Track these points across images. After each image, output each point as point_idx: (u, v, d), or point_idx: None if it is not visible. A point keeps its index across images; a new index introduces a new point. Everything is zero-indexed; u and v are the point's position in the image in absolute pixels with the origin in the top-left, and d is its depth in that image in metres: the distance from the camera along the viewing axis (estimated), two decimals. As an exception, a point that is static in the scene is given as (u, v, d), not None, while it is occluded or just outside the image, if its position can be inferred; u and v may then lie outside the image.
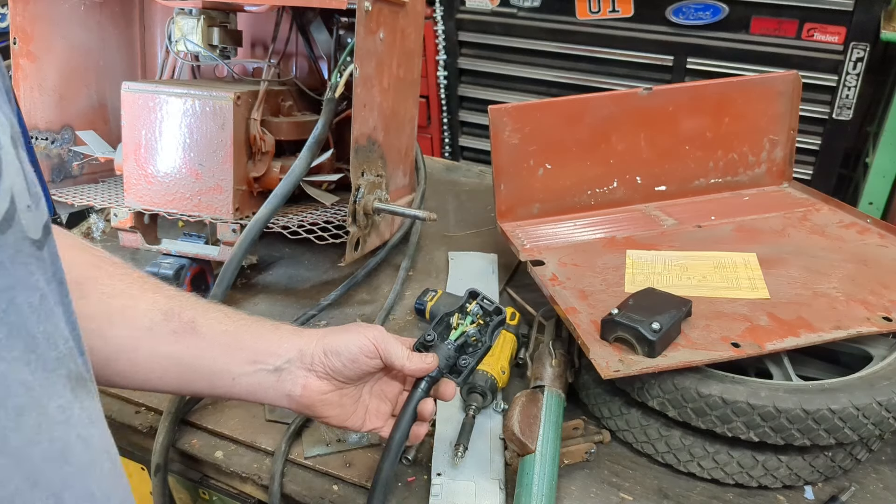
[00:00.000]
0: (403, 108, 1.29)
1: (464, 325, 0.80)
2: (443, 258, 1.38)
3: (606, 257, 1.13)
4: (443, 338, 0.80)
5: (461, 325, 0.81)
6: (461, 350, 0.79)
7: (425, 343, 0.79)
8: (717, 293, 0.98)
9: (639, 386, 0.85)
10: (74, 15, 1.31)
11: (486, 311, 0.81)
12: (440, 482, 0.85)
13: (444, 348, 0.78)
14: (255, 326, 0.74)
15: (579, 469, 0.89)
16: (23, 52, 1.22)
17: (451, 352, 0.78)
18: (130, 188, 1.19)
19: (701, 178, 1.34)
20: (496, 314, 0.81)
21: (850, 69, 2.23)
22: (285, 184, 1.08)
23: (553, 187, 1.28)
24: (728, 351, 0.83)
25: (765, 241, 1.15)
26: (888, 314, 0.89)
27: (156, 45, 1.49)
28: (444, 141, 3.10)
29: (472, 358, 0.79)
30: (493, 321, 0.81)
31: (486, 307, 0.81)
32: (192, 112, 1.13)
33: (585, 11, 2.55)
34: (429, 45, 2.80)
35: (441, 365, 0.77)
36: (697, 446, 0.84)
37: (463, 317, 0.81)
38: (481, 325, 0.81)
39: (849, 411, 0.76)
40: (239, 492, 0.96)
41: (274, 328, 0.75)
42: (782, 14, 2.28)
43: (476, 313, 0.81)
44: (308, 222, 1.18)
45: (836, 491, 0.84)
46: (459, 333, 0.80)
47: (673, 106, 1.29)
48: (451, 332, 0.80)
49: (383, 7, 1.11)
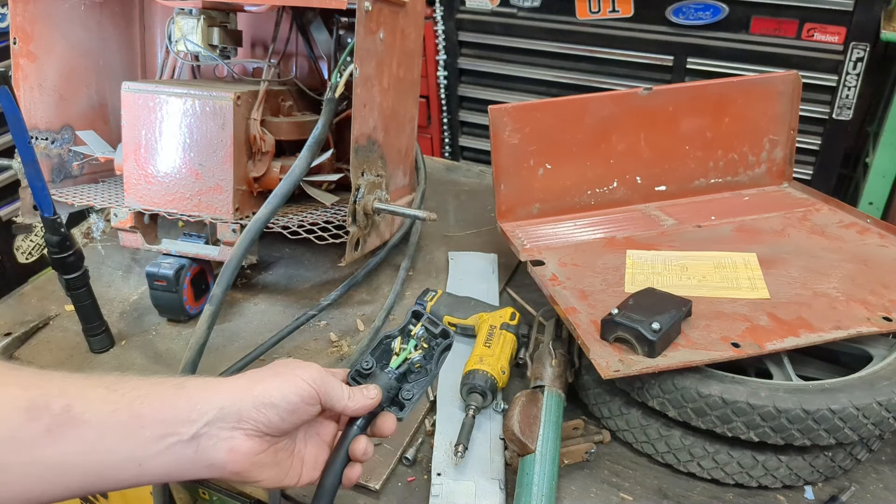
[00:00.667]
0: (403, 108, 1.29)
1: (406, 350, 0.72)
2: (443, 258, 1.38)
3: (606, 257, 1.13)
4: (382, 365, 0.71)
5: (404, 350, 0.72)
6: (403, 379, 0.71)
7: (362, 372, 0.70)
8: (717, 293, 0.98)
9: (639, 386, 0.85)
10: (74, 15, 1.31)
11: (432, 333, 0.73)
12: (440, 482, 0.85)
13: (385, 377, 0.70)
14: (154, 392, 0.59)
15: (579, 469, 0.89)
16: (23, 52, 1.22)
17: (392, 381, 0.70)
18: (130, 188, 1.19)
19: (701, 178, 1.34)
20: (443, 337, 0.73)
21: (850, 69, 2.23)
22: (285, 184, 1.08)
23: (553, 187, 1.28)
24: (728, 351, 0.83)
25: (765, 241, 1.15)
26: (888, 314, 0.89)
27: (156, 44, 1.49)
28: (444, 141, 3.10)
29: (416, 388, 0.71)
30: (439, 345, 0.73)
31: (432, 329, 0.73)
32: (192, 112, 1.13)
33: (585, 11, 2.55)
34: (429, 45, 2.80)
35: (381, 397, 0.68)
36: (697, 446, 0.84)
37: (406, 341, 0.73)
38: (426, 349, 0.73)
39: (849, 411, 0.76)
40: (239, 492, 0.95)
41: (177, 388, 0.61)
42: (782, 14, 2.28)
43: (420, 336, 0.73)
44: (308, 222, 1.18)
45: (836, 491, 0.84)
46: (402, 360, 0.71)
47: (673, 106, 1.29)
48: (393, 358, 0.72)
49: (383, 7, 1.11)
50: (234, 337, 1.16)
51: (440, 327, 0.74)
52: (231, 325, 1.20)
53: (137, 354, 1.13)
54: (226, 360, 1.08)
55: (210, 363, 1.07)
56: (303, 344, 1.15)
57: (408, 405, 0.70)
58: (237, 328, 1.19)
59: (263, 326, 1.19)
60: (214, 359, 1.09)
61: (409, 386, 0.71)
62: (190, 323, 1.20)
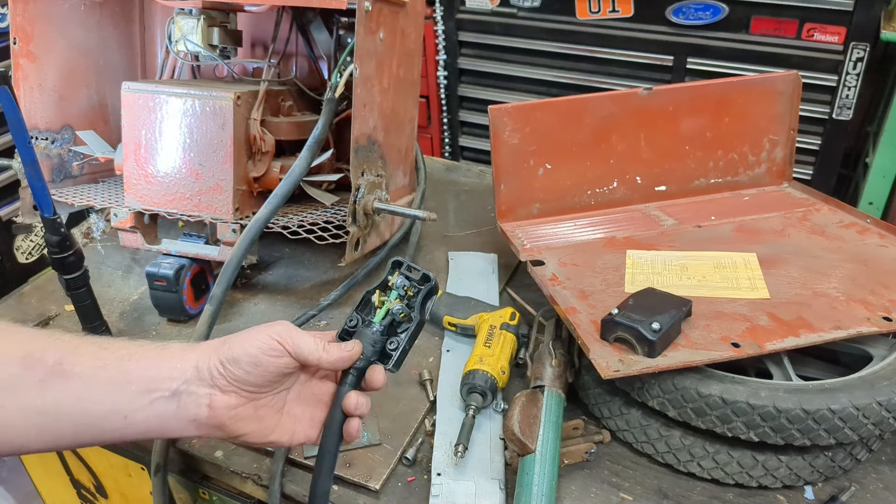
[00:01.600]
0: (403, 108, 1.29)
1: (388, 301, 0.71)
2: (443, 258, 1.38)
3: (606, 257, 1.13)
4: (367, 321, 0.71)
5: (385, 302, 0.71)
6: (390, 331, 0.71)
7: (348, 330, 0.71)
8: (717, 293, 0.98)
9: (639, 386, 0.85)
10: (74, 15, 1.31)
11: (413, 281, 0.72)
12: (440, 482, 0.85)
13: (369, 333, 0.70)
14: (140, 352, 0.65)
15: (579, 469, 0.89)
16: (23, 52, 1.22)
17: (377, 335, 0.70)
18: (130, 188, 1.19)
19: (701, 178, 1.34)
20: (424, 282, 0.72)
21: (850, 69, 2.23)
22: (285, 184, 1.08)
23: (553, 187, 1.28)
24: (728, 351, 0.83)
25: (765, 241, 1.15)
26: (888, 314, 0.89)
27: (156, 44, 1.49)
28: (444, 141, 3.10)
29: (402, 338, 0.70)
30: (421, 291, 0.72)
31: (412, 277, 0.72)
32: (192, 112, 1.13)
33: (585, 11, 2.55)
34: (429, 45, 2.80)
35: (367, 352, 0.69)
36: (697, 446, 0.84)
37: (386, 293, 0.72)
38: (411, 297, 0.72)
39: (849, 411, 0.76)
40: (239, 492, 0.96)
41: (160, 349, 0.66)
42: (782, 14, 2.28)
43: (401, 286, 0.72)
44: (308, 222, 1.18)
45: (836, 491, 0.85)
46: (384, 313, 0.71)
47: (673, 106, 1.29)
48: (376, 312, 0.72)
49: (383, 7, 1.11)
50: (234, 337, 1.16)
51: (420, 273, 0.73)
52: (231, 325, 1.20)
53: (137, 354, 1.13)
54: (226, 360, 1.08)
55: (210, 363, 1.07)
56: (303, 344, 1.14)
57: (394, 355, 0.71)
58: (237, 328, 1.19)
59: (263, 326, 1.19)
60: (214, 359, 1.09)
61: (394, 338, 0.71)
62: (190, 323, 1.20)
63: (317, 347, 0.67)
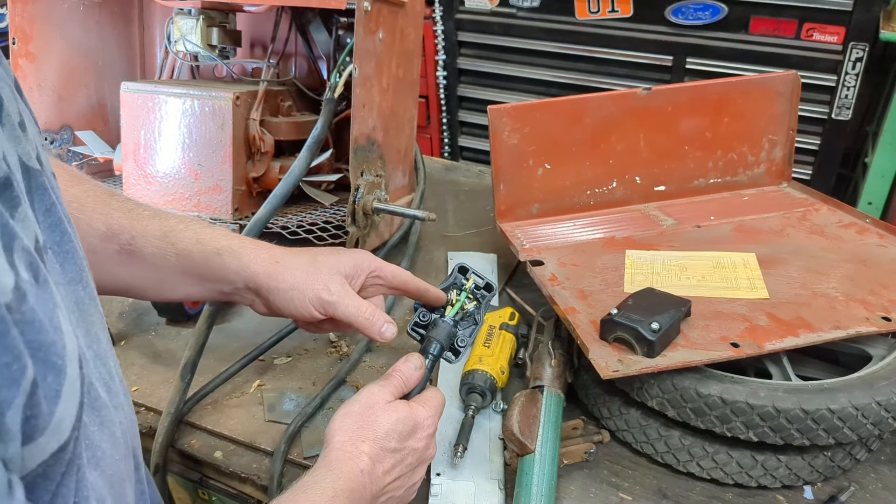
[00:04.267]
0: (403, 108, 1.29)
1: (461, 301, 0.79)
2: (442, 258, 1.38)
3: (606, 257, 1.13)
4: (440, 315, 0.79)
5: (458, 301, 0.79)
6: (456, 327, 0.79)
7: (420, 322, 0.78)
8: (716, 293, 0.98)
9: (638, 386, 0.85)
10: (73, 15, 1.31)
11: (478, 286, 0.81)
12: (439, 482, 0.85)
13: (444, 326, 0.77)
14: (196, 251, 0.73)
15: (579, 469, 0.89)
16: (22, 52, 1.22)
17: (451, 328, 0.77)
18: (130, 188, 1.19)
19: (700, 178, 1.35)
20: (487, 290, 0.81)
21: (850, 69, 2.23)
22: (285, 184, 1.08)
23: (552, 187, 1.28)
24: (727, 351, 0.83)
25: (764, 241, 1.15)
26: (887, 314, 0.89)
27: (155, 45, 1.49)
28: (443, 141, 3.10)
29: (467, 336, 0.78)
30: (484, 297, 0.80)
31: (479, 283, 0.81)
32: (192, 112, 1.13)
33: (585, 11, 2.55)
34: (428, 45, 2.80)
35: (444, 343, 0.76)
36: (697, 446, 0.84)
37: (460, 293, 0.80)
38: (479, 300, 0.80)
39: (848, 411, 0.76)
40: (238, 492, 0.96)
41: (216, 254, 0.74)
42: (781, 14, 2.28)
43: (471, 289, 0.80)
44: (307, 222, 1.18)
45: (836, 491, 0.84)
46: (457, 310, 0.78)
47: (672, 106, 1.29)
48: (448, 308, 0.79)
49: (382, 7, 1.11)
50: (234, 337, 1.16)
51: (485, 280, 0.81)
52: (230, 325, 1.20)
53: (137, 354, 1.13)
54: (225, 360, 1.08)
55: (210, 363, 1.07)
56: (302, 344, 1.14)
57: (463, 351, 0.78)
58: (236, 328, 1.19)
59: (262, 326, 1.19)
60: (214, 359, 1.09)
61: (461, 334, 0.78)
62: (189, 323, 1.20)
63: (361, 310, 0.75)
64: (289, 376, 1.07)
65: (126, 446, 0.48)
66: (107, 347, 0.49)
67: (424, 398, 0.74)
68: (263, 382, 1.06)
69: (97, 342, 0.47)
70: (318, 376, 1.07)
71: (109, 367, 0.48)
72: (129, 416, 0.51)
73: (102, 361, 0.47)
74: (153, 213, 0.74)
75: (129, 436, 0.50)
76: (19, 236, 0.35)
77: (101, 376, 0.46)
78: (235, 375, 1.06)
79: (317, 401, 0.98)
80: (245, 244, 0.76)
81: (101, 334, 0.48)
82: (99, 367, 0.46)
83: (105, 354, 0.48)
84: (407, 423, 0.69)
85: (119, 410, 0.48)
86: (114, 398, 0.47)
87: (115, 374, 0.50)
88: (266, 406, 1.00)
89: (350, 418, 0.68)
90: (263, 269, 0.75)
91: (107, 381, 0.47)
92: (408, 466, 0.70)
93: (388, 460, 0.68)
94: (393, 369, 0.74)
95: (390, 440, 0.68)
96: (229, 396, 1.03)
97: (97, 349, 0.47)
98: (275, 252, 0.77)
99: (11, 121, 0.39)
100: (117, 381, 0.50)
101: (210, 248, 0.74)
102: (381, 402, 0.70)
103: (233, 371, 1.05)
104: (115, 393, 0.48)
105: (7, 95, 0.39)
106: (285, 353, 1.12)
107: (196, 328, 0.98)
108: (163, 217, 0.75)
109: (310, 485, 0.62)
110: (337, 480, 0.62)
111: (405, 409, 0.70)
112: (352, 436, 0.67)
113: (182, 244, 0.73)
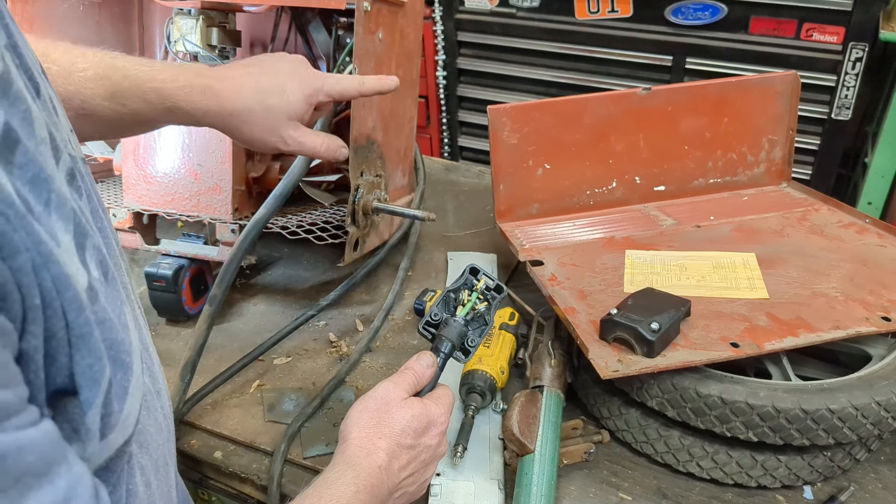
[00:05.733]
0: (402, 108, 1.29)
1: (472, 301, 0.79)
2: (442, 258, 1.38)
3: (605, 257, 1.13)
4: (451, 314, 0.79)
5: (469, 301, 0.79)
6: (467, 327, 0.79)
7: (431, 321, 0.79)
8: (716, 293, 0.98)
9: (638, 386, 0.85)
10: (73, 15, 1.31)
11: (489, 287, 0.81)
12: (439, 482, 0.85)
13: (456, 324, 0.77)
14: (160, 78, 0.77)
15: (578, 469, 0.89)
16: (21, 53, 1.22)
17: (462, 328, 0.77)
18: (129, 188, 1.19)
19: (700, 178, 1.35)
20: (497, 292, 0.81)
21: (849, 69, 2.23)
22: (284, 184, 1.08)
23: (552, 187, 1.28)
24: (727, 351, 0.83)
25: (764, 241, 1.15)
26: (887, 314, 0.89)
27: (154, 45, 1.49)
28: (443, 141, 3.10)
29: (476, 336, 0.79)
30: (495, 298, 0.81)
31: (489, 284, 0.81)
32: (191, 112, 1.13)
33: (584, 11, 2.55)
34: (428, 45, 2.80)
35: (455, 342, 0.76)
36: (696, 446, 0.84)
37: (471, 293, 0.80)
38: (489, 302, 0.81)
39: (847, 411, 0.76)
40: (238, 492, 0.95)
41: (169, 113, 0.79)
42: (781, 14, 2.29)
43: (482, 290, 0.81)
44: (307, 222, 1.18)
45: (835, 491, 0.85)
46: (468, 309, 0.79)
47: (672, 106, 1.29)
48: (459, 308, 0.79)
49: (382, 7, 1.11)
50: (234, 337, 1.16)
51: (495, 282, 0.82)
52: (230, 325, 1.20)
53: (136, 355, 1.13)
54: (225, 361, 1.08)
55: (209, 363, 1.07)
56: (302, 344, 1.15)
57: (472, 351, 0.78)
58: (236, 328, 1.19)
59: (262, 327, 1.19)
60: (214, 359, 1.09)
61: (471, 334, 0.79)
62: (189, 323, 1.20)
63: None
64: (288, 376, 1.07)
65: (168, 430, 0.48)
66: (146, 333, 0.48)
67: (437, 395, 0.75)
68: (263, 382, 1.06)
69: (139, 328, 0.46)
70: (317, 376, 1.07)
71: (151, 353, 0.48)
72: (166, 402, 0.51)
73: (145, 347, 0.46)
74: (96, 75, 0.76)
75: (168, 420, 0.50)
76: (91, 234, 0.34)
77: (145, 362, 0.45)
78: (235, 375, 1.06)
79: (316, 401, 0.98)
80: (181, 86, 0.78)
81: (141, 318, 0.48)
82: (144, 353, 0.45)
83: (146, 340, 0.48)
84: (421, 420, 0.70)
85: (160, 396, 0.47)
86: (155, 383, 0.47)
87: (155, 360, 0.49)
88: (266, 406, 1.00)
89: (367, 414, 0.69)
90: (219, 122, 0.81)
91: (150, 366, 0.46)
92: (421, 463, 0.71)
93: (403, 456, 0.68)
94: (406, 367, 0.74)
95: (406, 437, 0.68)
96: (229, 396, 1.03)
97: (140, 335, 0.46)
98: (222, 98, 0.80)
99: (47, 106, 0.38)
100: (156, 367, 0.49)
101: (161, 104, 0.78)
102: (397, 398, 0.70)
103: (232, 371, 1.05)
104: (156, 378, 0.48)
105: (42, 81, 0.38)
106: (285, 353, 1.12)
107: (196, 328, 0.98)
108: (105, 78, 0.76)
109: (331, 481, 0.62)
110: (357, 476, 0.63)
111: (420, 406, 0.71)
112: (368, 432, 0.67)
113: (133, 104, 0.77)
